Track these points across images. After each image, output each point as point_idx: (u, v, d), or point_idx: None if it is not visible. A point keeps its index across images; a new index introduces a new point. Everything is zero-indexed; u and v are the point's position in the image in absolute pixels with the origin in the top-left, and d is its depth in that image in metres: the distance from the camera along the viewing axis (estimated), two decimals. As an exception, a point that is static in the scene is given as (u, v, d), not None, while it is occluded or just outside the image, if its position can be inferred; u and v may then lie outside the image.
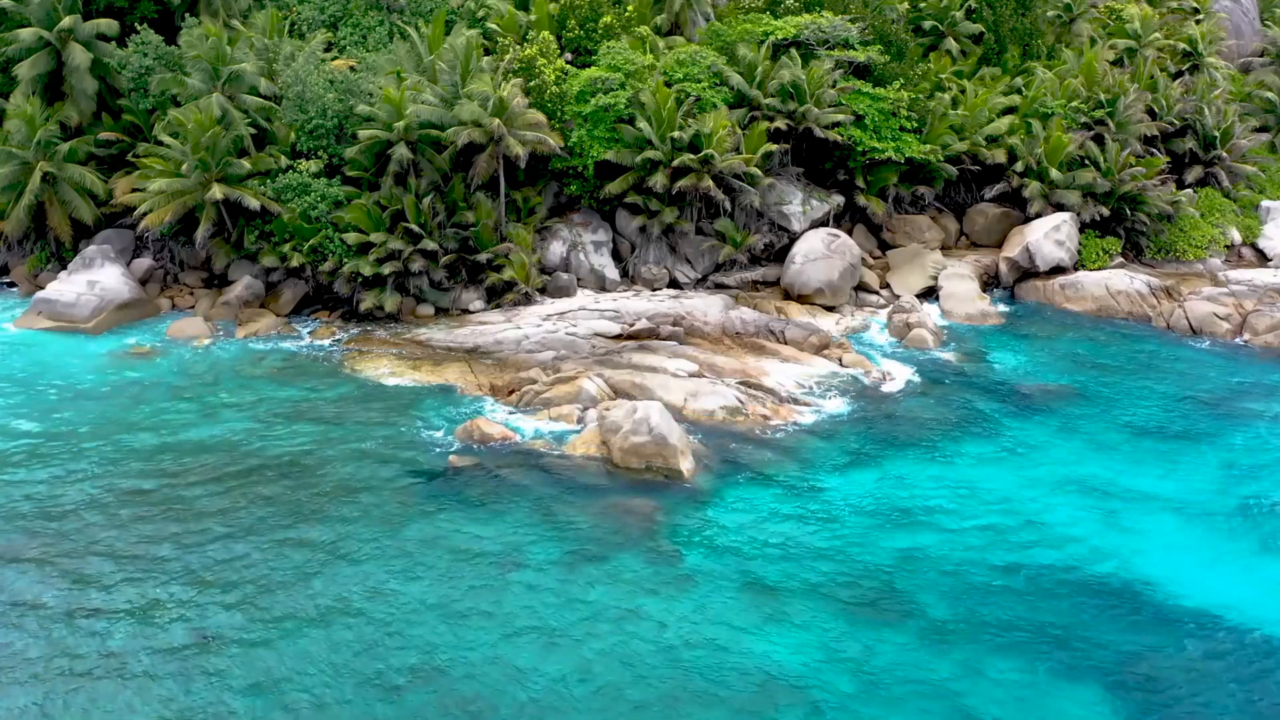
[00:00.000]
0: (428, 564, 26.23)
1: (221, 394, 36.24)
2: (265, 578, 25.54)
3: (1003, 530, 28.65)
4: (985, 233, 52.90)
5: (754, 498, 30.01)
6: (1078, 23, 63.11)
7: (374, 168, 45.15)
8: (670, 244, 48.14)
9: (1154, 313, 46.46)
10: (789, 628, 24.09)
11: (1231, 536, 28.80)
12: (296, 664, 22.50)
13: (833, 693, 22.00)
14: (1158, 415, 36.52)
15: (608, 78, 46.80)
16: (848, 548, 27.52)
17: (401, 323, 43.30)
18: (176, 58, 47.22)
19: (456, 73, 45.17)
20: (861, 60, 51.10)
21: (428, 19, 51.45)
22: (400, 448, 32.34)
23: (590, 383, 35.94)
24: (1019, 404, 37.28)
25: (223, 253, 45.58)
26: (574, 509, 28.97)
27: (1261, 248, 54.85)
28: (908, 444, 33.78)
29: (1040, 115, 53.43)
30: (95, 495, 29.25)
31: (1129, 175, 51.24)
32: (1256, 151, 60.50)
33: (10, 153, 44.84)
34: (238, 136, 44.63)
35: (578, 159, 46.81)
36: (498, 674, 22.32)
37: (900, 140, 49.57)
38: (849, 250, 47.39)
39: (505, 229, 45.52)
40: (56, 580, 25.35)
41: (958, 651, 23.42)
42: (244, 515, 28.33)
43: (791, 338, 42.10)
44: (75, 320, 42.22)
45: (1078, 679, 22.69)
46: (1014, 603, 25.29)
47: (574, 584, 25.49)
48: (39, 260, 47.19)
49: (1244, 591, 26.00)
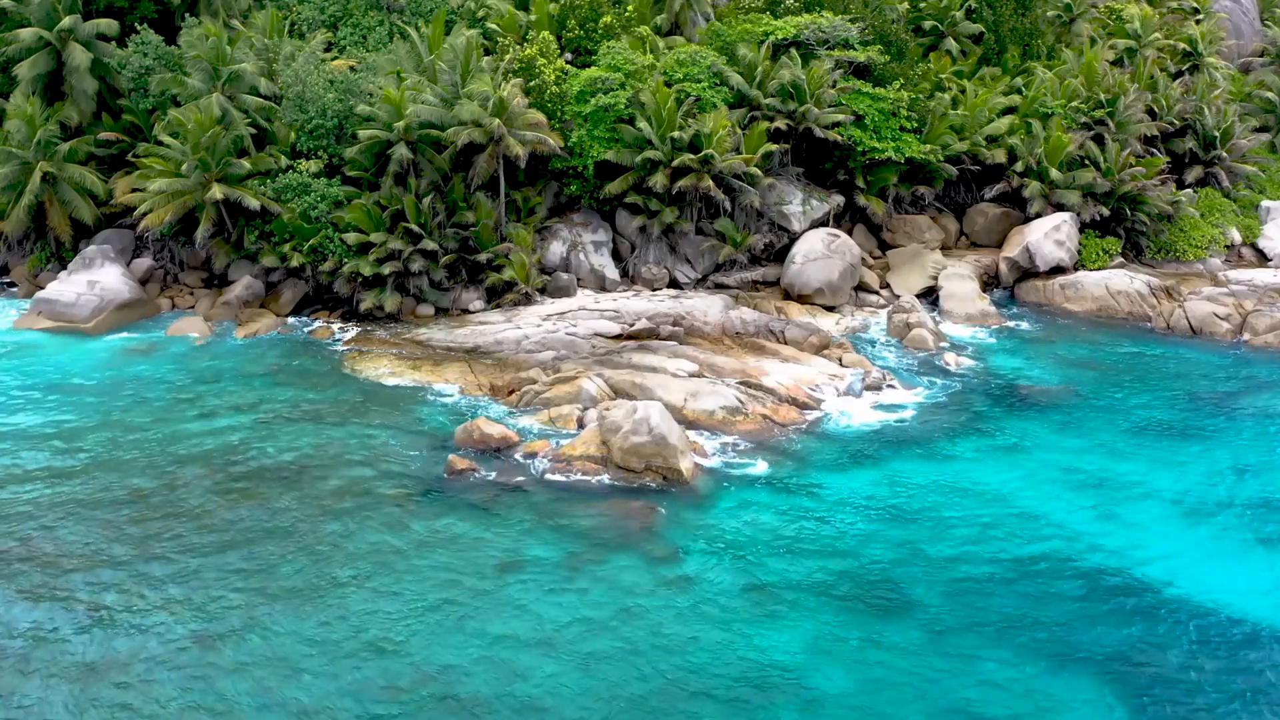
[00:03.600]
0: (427, 564, 26.24)
1: (221, 394, 36.25)
2: (264, 578, 25.54)
3: (1002, 528, 28.67)
4: (985, 233, 52.90)
5: (754, 497, 30.03)
6: (1078, 23, 63.10)
7: (374, 168, 45.19)
8: (670, 244, 48.15)
9: (1154, 313, 46.46)
10: (788, 626, 24.11)
11: (1231, 534, 28.82)
12: (295, 664, 22.51)
13: (831, 690, 22.01)
14: (1157, 415, 36.53)
15: (608, 78, 46.81)
16: (847, 546, 27.55)
17: (401, 323, 43.32)
18: (176, 58, 47.27)
19: (456, 73, 45.19)
20: (861, 60, 51.10)
21: (428, 19, 51.47)
22: (400, 448, 32.36)
23: (590, 383, 35.94)
24: (1018, 403, 37.30)
25: (223, 253, 45.63)
26: (574, 509, 28.98)
27: (1261, 248, 54.90)
28: (907, 443, 33.80)
29: (1040, 115, 53.42)
30: (94, 495, 29.25)
31: (1129, 175, 51.25)
32: (1256, 151, 60.53)
33: (10, 153, 44.90)
34: (238, 136, 44.66)
35: (578, 159, 46.82)
36: (497, 673, 22.33)
37: (900, 140, 49.57)
38: (849, 250, 47.41)
39: (505, 229, 45.54)
40: (54, 581, 25.33)
41: (956, 648, 23.43)
42: (243, 515, 28.34)
43: (791, 338, 42.12)
44: (75, 320, 42.23)
45: (1076, 674, 22.69)
46: (1013, 600, 25.31)
47: (573, 583, 25.50)
48: (39, 260, 47.25)
49: (1242, 588, 26.04)
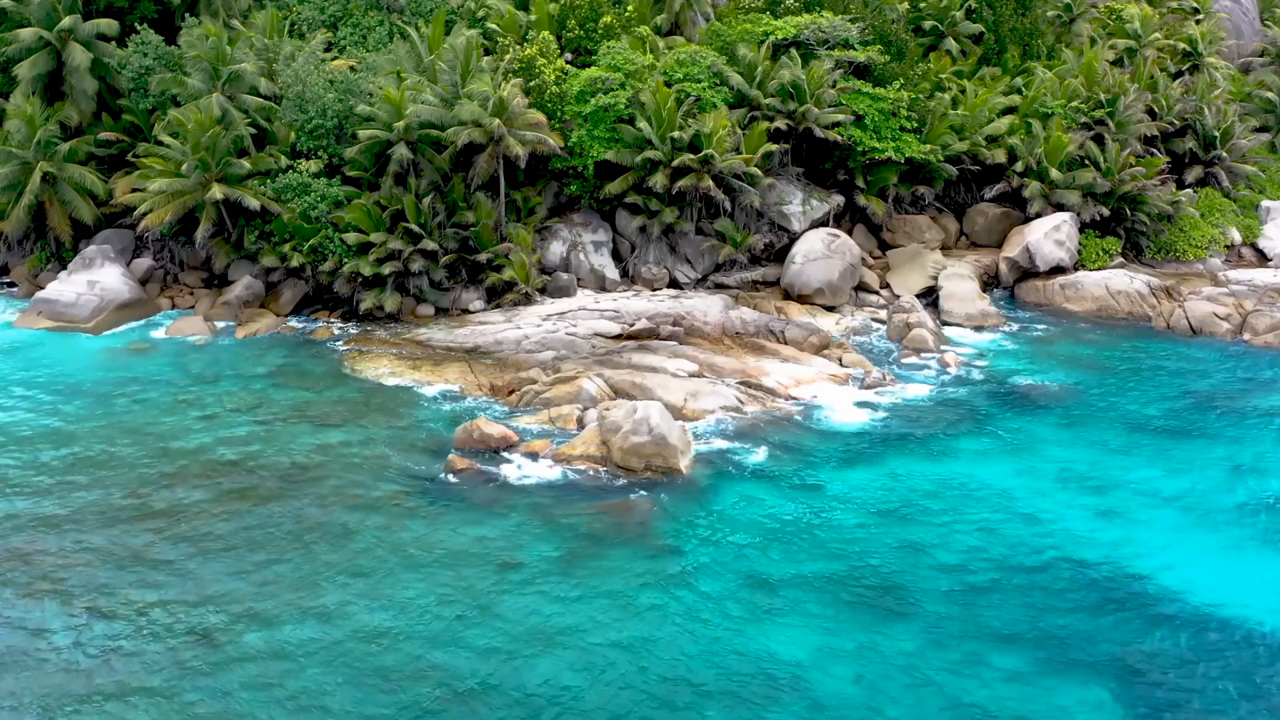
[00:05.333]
0: (427, 563, 26.23)
1: (221, 394, 36.24)
2: (264, 578, 25.53)
3: (1001, 527, 28.66)
4: (985, 233, 52.89)
5: (754, 497, 30.02)
6: (1078, 23, 63.10)
7: (374, 168, 45.18)
8: (670, 244, 48.15)
9: (1154, 313, 46.46)
10: (788, 625, 24.10)
11: (1232, 534, 28.79)
12: (295, 663, 22.50)
13: (831, 689, 22.00)
14: (1158, 414, 36.53)
15: (608, 78, 46.81)
16: (847, 545, 27.54)
17: (401, 323, 43.31)
18: (176, 58, 47.26)
19: (456, 73, 45.19)
20: (861, 60, 51.09)
21: (428, 19, 51.47)
22: (400, 448, 32.35)
23: (590, 383, 35.94)
24: (1018, 403, 37.29)
25: (223, 253, 45.61)
26: (573, 509, 28.97)
27: (1261, 248, 54.90)
28: (907, 443, 33.80)
29: (1040, 115, 53.42)
30: (94, 495, 29.23)
31: (1129, 175, 51.24)
32: (1256, 151, 60.53)
33: (10, 153, 44.89)
34: (238, 136, 44.66)
35: (578, 159, 46.82)
36: (497, 672, 22.32)
37: (900, 140, 49.56)
38: (849, 250, 47.40)
39: (505, 229, 45.53)
40: (53, 580, 25.32)
41: (957, 647, 23.41)
42: (243, 516, 28.32)
43: (791, 338, 42.11)
44: (75, 320, 42.23)
45: (1077, 675, 22.67)
46: (1013, 599, 25.29)
47: (573, 583, 25.49)
48: (39, 260, 47.24)
49: (1244, 588, 26.00)
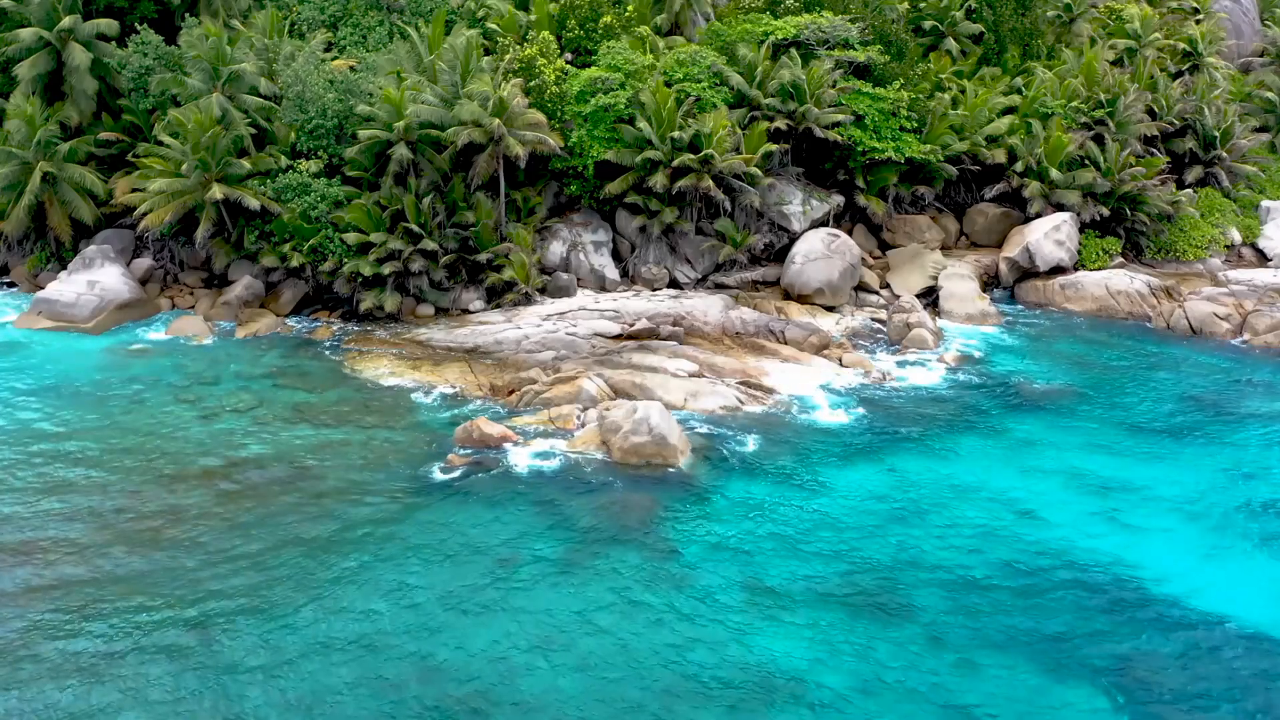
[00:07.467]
0: (427, 563, 26.24)
1: (221, 394, 36.24)
2: (264, 578, 25.54)
3: (1001, 528, 28.67)
4: (985, 233, 52.89)
5: (754, 496, 30.03)
6: (1078, 23, 63.11)
7: (374, 168, 45.18)
8: (670, 244, 48.15)
9: (1154, 313, 46.46)
10: (788, 624, 24.11)
11: (1231, 535, 28.80)
12: (295, 663, 22.50)
13: (830, 688, 22.02)
14: (1157, 415, 36.53)
15: (608, 78, 46.81)
16: (847, 545, 27.56)
17: (401, 323, 43.31)
18: (176, 58, 47.26)
19: (456, 73, 45.19)
20: (861, 60, 51.09)
21: (428, 19, 51.49)
22: (400, 448, 32.35)
23: (590, 383, 35.94)
24: (1018, 403, 37.29)
25: (223, 253, 45.61)
26: (573, 509, 28.98)
27: (1261, 248, 54.91)
28: (907, 443, 33.80)
29: (1040, 115, 53.43)
30: (93, 495, 29.22)
31: (1129, 175, 51.25)
32: (1256, 151, 60.53)
33: (10, 153, 44.89)
34: (238, 136, 44.66)
35: (578, 159, 46.82)
36: (497, 671, 22.33)
37: (900, 140, 49.56)
38: (849, 250, 47.40)
39: (505, 229, 45.53)
40: (53, 580, 25.32)
41: (955, 647, 23.43)
42: (243, 516, 28.33)
43: (791, 338, 42.12)
44: (75, 320, 42.22)
45: (1075, 676, 22.68)
46: (1012, 600, 25.31)
47: (573, 582, 25.51)
48: (39, 260, 47.24)
49: (1242, 590, 26.03)
